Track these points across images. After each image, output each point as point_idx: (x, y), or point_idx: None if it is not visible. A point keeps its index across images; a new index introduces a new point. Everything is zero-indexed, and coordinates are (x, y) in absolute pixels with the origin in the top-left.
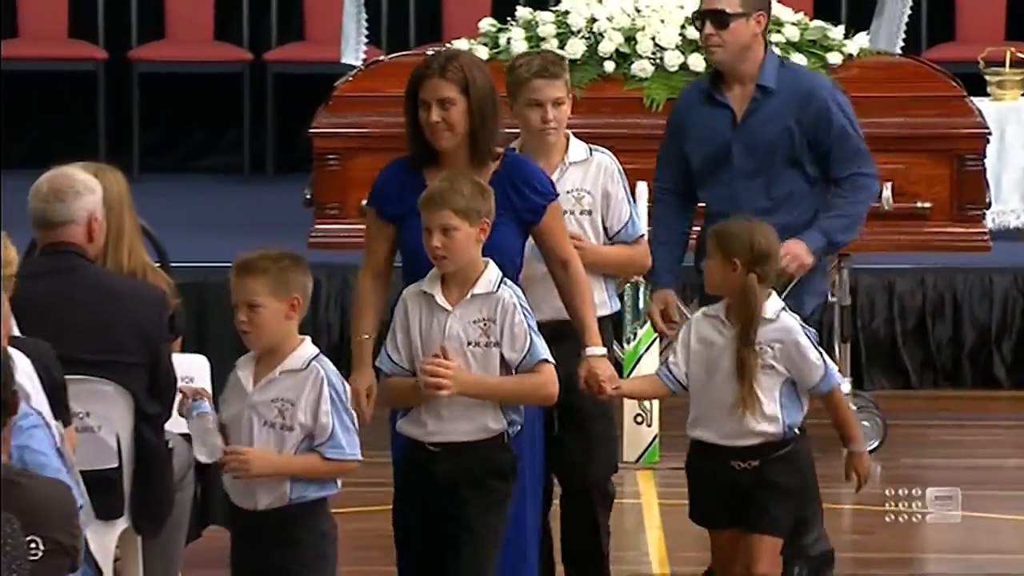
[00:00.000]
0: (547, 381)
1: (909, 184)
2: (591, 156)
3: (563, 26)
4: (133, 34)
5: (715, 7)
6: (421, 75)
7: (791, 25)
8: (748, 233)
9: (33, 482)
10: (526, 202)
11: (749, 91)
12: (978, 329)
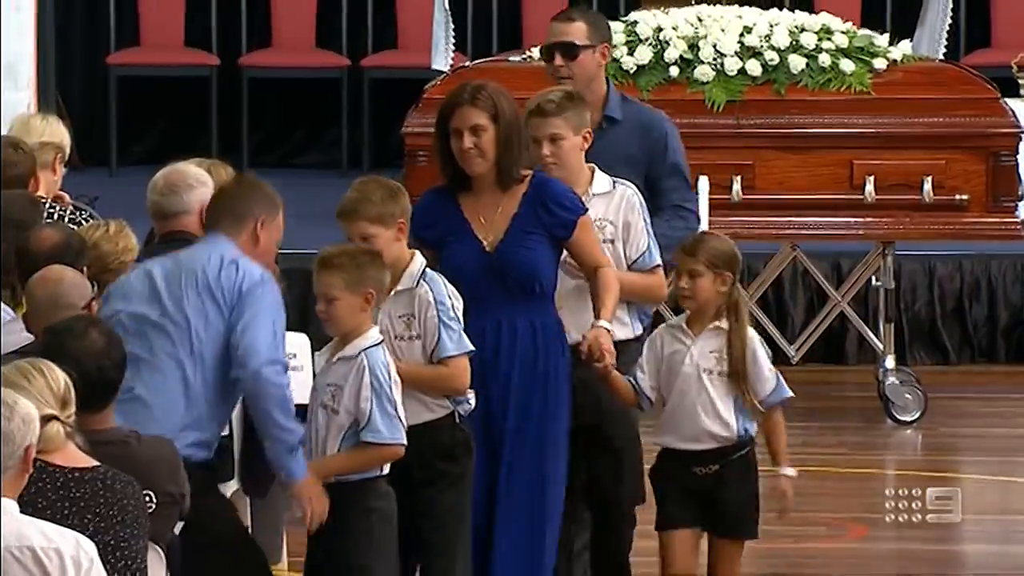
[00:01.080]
0: (453, 375)
1: (948, 178)
2: (614, 188)
3: (632, 35)
4: (243, 43)
5: (564, 39)
6: (453, 104)
7: (840, 33)
8: (726, 243)
9: (140, 442)
10: (556, 219)
11: (595, 119)
12: (1011, 309)
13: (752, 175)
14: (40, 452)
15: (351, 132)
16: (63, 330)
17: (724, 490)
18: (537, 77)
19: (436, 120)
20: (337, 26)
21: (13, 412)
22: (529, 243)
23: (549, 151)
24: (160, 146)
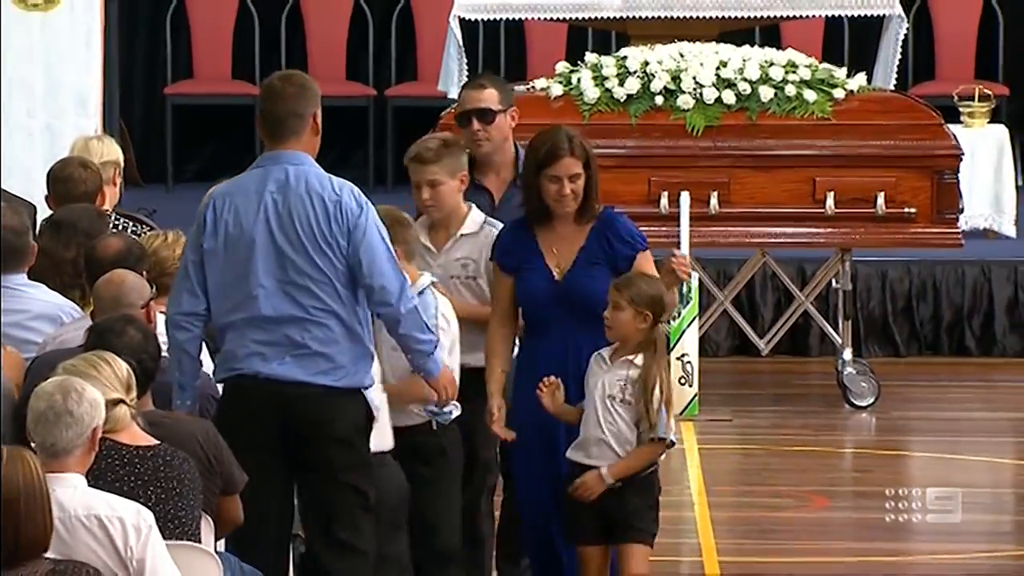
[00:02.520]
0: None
1: (898, 194)
2: (482, 229)
3: (622, 68)
4: None
5: (480, 106)
6: (554, 155)
7: (804, 67)
8: (656, 287)
9: (176, 421)
10: (618, 252)
11: (504, 177)
12: (953, 308)
13: (727, 191)
14: (109, 432)
15: (376, 153)
16: (105, 329)
17: (625, 502)
18: (539, 105)
19: (534, 164)
20: (364, 61)
21: (82, 397)
22: (593, 273)
23: (428, 195)
24: (210, 165)
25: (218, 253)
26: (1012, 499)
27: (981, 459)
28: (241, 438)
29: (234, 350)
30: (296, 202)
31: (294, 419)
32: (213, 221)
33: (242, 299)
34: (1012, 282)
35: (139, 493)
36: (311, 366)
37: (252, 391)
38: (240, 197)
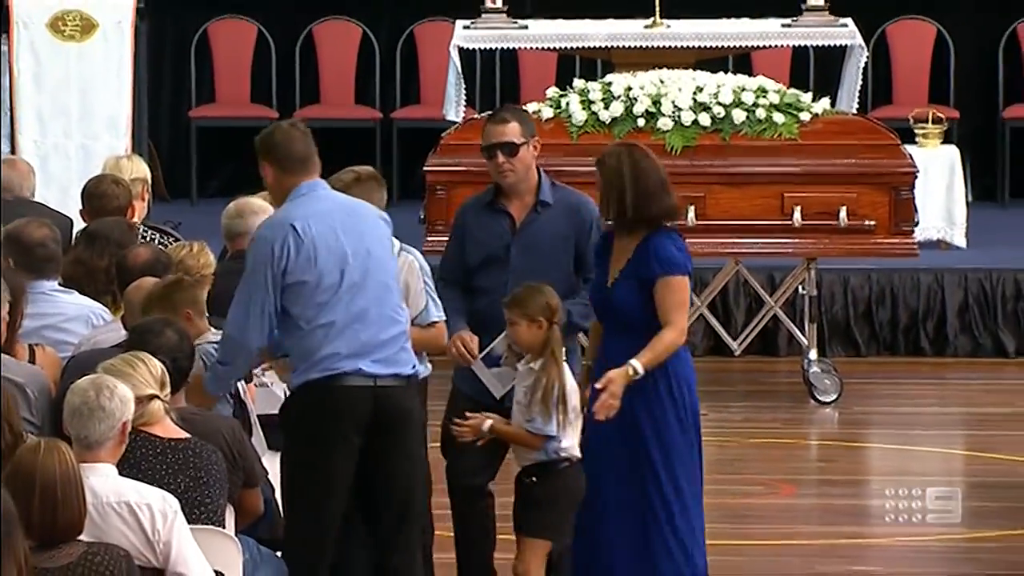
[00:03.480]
0: (440, 335)
1: (859, 208)
2: (401, 253)
3: (608, 93)
4: (296, 99)
5: (505, 140)
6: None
7: (773, 92)
8: (544, 295)
9: (203, 417)
10: (645, 272)
11: (527, 202)
12: (909, 312)
13: (704, 205)
14: (144, 425)
15: (383, 171)
16: (145, 330)
17: (531, 495)
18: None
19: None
20: (372, 86)
21: (113, 393)
22: (630, 285)
23: None
24: (231, 182)
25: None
26: (963, 487)
27: (935, 450)
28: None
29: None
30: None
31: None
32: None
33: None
34: (963, 288)
35: (170, 481)
36: None
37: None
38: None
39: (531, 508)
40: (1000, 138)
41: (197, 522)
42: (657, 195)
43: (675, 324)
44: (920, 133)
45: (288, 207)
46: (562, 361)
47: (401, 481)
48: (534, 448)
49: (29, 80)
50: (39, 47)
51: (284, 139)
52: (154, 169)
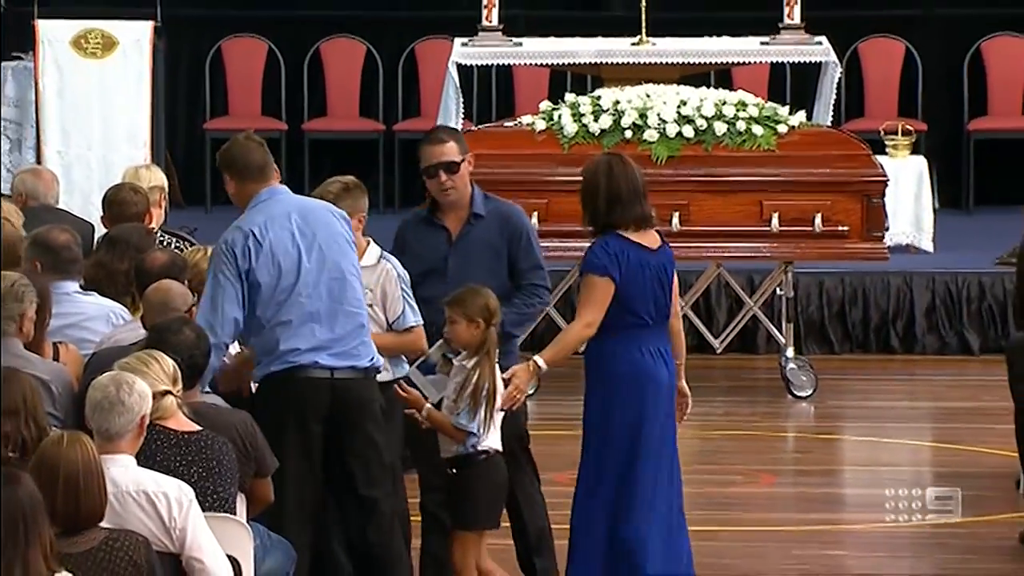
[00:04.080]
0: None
1: (833, 215)
2: (379, 263)
3: (597, 106)
4: (305, 113)
5: (445, 159)
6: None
7: (752, 106)
8: (483, 297)
9: (218, 411)
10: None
11: (461, 216)
12: (880, 313)
13: (687, 212)
14: (159, 419)
15: (386, 180)
16: (164, 329)
17: (453, 488)
18: (526, 138)
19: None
20: (375, 100)
21: (132, 389)
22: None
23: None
24: None
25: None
26: (930, 476)
27: (904, 442)
28: None
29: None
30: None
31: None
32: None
33: None
34: (930, 290)
35: (184, 471)
36: None
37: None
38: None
39: (455, 501)
40: (965, 149)
41: (210, 510)
42: (626, 203)
43: (580, 318)
44: (890, 144)
45: (249, 213)
46: (495, 362)
47: (365, 465)
48: (457, 441)
49: (53, 94)
50: (63, 63)
51: (241, 151)
52: (171, 178)
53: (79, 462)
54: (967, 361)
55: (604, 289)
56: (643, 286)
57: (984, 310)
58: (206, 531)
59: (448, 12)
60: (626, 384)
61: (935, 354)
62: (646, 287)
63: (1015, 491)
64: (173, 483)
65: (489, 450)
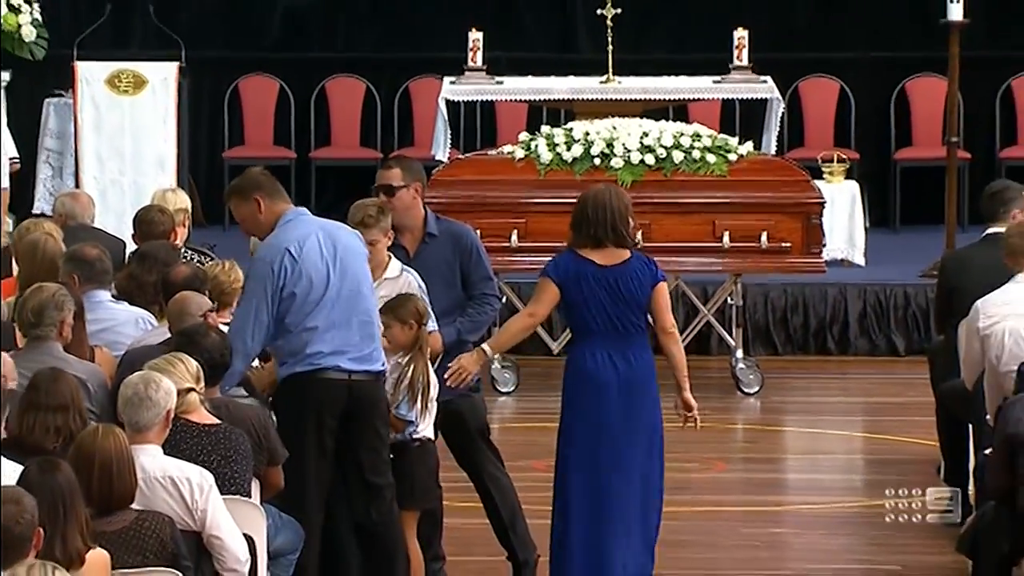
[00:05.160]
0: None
1: (777, 233)
2: (401, 275)
3: (569, 137)
4: (311, 142)
5: (384, 183)
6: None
7: (706, 136)
8: (413, 302)
9: (236, 406)
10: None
11: (417, 236)
12: (818, 319)
13: (649, 230)
14: (183, 413)
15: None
16: (193, 332)
17: (399, 474)
18: (506, 165)
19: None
20: (374, 131)
21: (159, 386)
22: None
23: (367, 250)
24: None
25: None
26: (861, 463)
27: (839, 433)
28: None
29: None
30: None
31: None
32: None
33: None
34: (862, 299)
35: (204, 459)
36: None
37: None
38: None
39: (398, 480)
40: (892, 175)
41: (228, 493)
42: (587, 226)
43: (525, 308)
44: (827, 171)
45: (280, 232)
46: (427, 357)
47: (373, 456)
48: (397, 431)
49: (90, 127)
50: (99, 100)
51: (265, 176)
52: (193, 200)
53: (112, 451)
54: (894, 362)
55: (544, 287)
56: (587, 296)
57: (909, 317)
58: (224, 512)
59: (438, 54)
60: (572, 384)
61: (866, 355)
62: (591, 297)
63: (936, 475)
64: (195, 470)
65: (423, 438)
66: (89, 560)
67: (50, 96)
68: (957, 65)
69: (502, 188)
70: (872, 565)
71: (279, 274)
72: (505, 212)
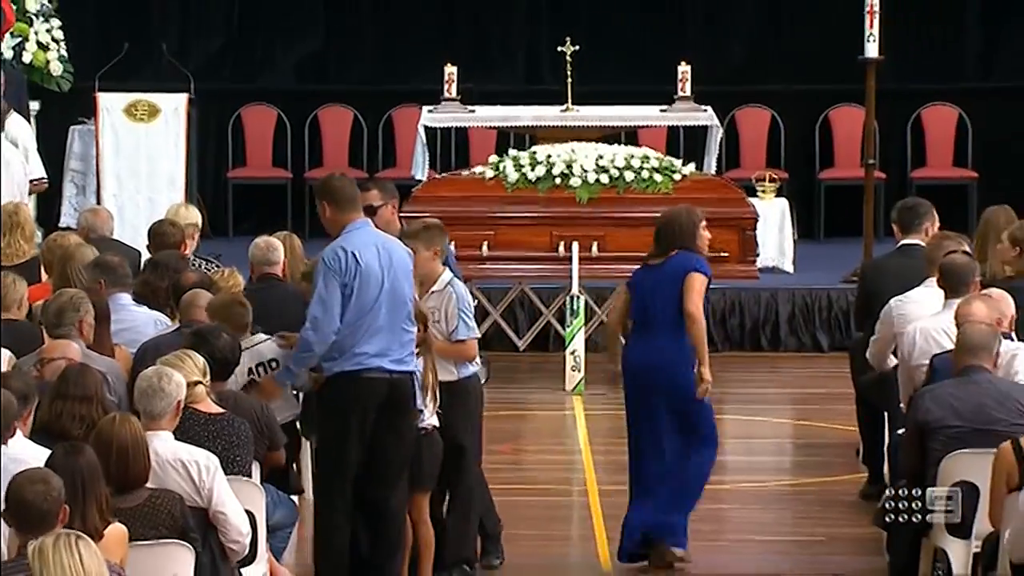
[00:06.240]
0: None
1: (717, 243)
2: (445, 288)
3: (533, 159)
4: (305, 163)
5: (366, 204)
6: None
7: (655, 158)
8: (415, 307)
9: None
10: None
11: None
12: (753, 320)
13: (604, 241)
14: (191, 403)
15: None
16: (207, 332)
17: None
18: (477, 183)
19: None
20: (361, 154)
21: (171, 379)
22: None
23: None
24: (257, 225)
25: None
26: (791, 446)
27: (771, 420)
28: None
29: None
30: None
31: None
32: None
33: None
34: (791, 302)
35: (211, 444)
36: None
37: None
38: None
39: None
40: (817, 193)
41: (231, 474)
42: (654, 242)
43: (695, 311)
44: (760, 189)
45: (345, 238)
46: (434, 357)
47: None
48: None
49: (110, 151)
50: (118, 126)
51: (340, 185)
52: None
53: (128, 437)
54: (819, 357)
55: (619, 295)
56: (636, 298)
57: (832, 317)
58: (228, 491)
59: (418, 86)
60: (626, 373)
61: (794, 352)
62: (638, 298)
63: (855, 458)
64: (203, 453)
65: (428, 426)
66: (108, 534)
67: (75, 123)
68: (873, 96)
69: (474, 204)
70: (799, 536)
71: (344, 273)
72: (477, 225)
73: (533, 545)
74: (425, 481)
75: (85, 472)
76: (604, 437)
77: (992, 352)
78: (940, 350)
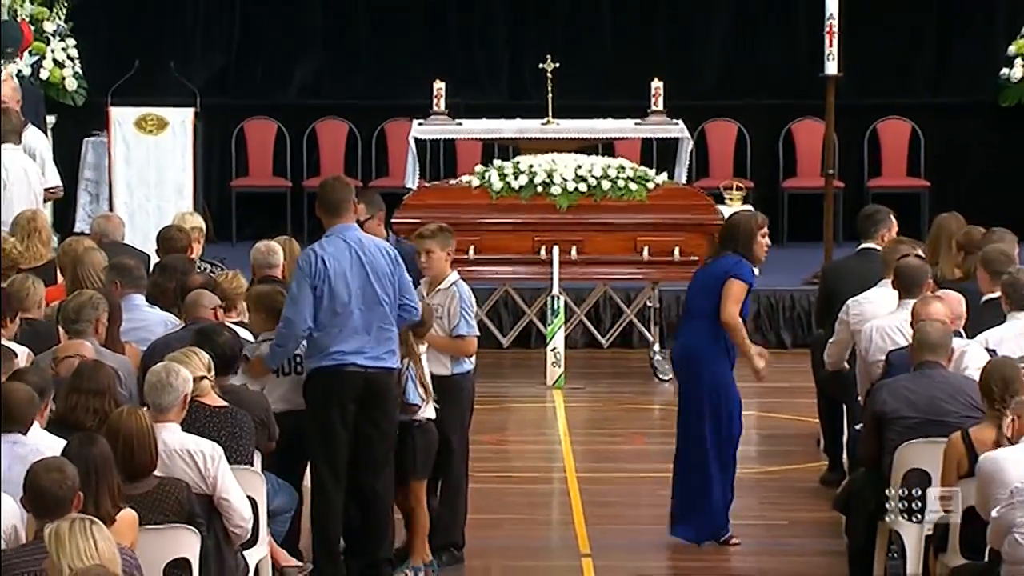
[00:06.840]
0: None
1: (687, 248)
2: (450, 287)
3: (516, 169)
4: (304, 173)
5: (357, 218)
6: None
7: (630, 168)
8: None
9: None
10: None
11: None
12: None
13: (583, 246)
14: (197, 397)
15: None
16: (210, 330)
17: (405, 448)
18: (464, 192)
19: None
20: (355, 163)
21: (178, 374)
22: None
23: (424, 259)
24: (259, 230)
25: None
26: (756, 437)
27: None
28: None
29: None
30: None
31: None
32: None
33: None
34: (756, 302)
35: (214, 435)
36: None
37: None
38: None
39: (399, 459)
40: (781, 200)
41: (234, 463)
42: (732, 239)
43: (731, 317)
44: (727, 197)
45: (322, 242)
46: (420, 355)
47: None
48: (411, 414)
49: (122, 161)
50: (128, 138)
51: (326, 191)
52: (207, 221)
53: (134, 429)
54: (782, 353)
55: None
56: (689, 291)
57: (794, 316)
58: (232, 479)
59: (409, 101)
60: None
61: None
62: (689, 292)
63: (816, 448)
64: (208, 444)
65: (423, 419)
66: (120, 518)
67: (88, 136)
68: (832, 111)
69: (461, 211)
70: (764, 520)
71: (312, 275)
72: (464, 231)
73: (516, 529)
74: (420, 470)
75: (98, 461)
76: (582, 428)
77: (948, 349)
78: (895, 347)
